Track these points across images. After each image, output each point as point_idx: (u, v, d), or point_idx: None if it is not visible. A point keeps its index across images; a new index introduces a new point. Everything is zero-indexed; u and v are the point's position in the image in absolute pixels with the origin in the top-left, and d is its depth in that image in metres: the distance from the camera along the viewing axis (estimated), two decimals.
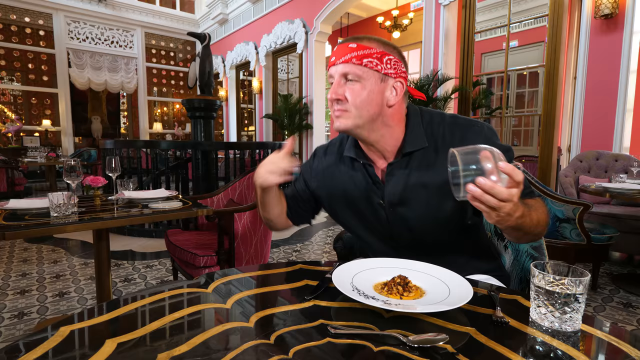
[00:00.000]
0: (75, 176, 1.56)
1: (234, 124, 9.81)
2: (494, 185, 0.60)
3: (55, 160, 5.61)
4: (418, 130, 0.88)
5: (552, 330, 0.58)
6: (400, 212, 0.89)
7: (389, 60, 0.84)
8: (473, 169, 0.61)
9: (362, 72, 0.83)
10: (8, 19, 8.44)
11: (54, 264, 2.87)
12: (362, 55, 0.82)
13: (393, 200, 0.89)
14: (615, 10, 3.57)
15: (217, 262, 1.87)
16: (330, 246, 3.44)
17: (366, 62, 0.82)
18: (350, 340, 0.56)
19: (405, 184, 0.87)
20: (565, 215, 2.23)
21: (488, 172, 0.60)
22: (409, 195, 0.87)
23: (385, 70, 0.84)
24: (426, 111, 0.93)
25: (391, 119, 0.88)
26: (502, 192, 0.61)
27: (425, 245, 0.92)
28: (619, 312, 2.10)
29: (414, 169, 0.87)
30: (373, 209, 0.92)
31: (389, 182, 0.89)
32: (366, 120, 0.85)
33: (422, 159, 0.87)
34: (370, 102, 0.84)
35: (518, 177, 0.61)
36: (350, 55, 0.83)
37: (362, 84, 0.83)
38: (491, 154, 0.61)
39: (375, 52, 0.83)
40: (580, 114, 3.91)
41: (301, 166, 1.07)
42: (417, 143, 0.87)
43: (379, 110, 0.85)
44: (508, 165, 0.60)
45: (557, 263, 0.62)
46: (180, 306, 0.67)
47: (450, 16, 4.74)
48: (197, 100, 4.06)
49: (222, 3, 9.05)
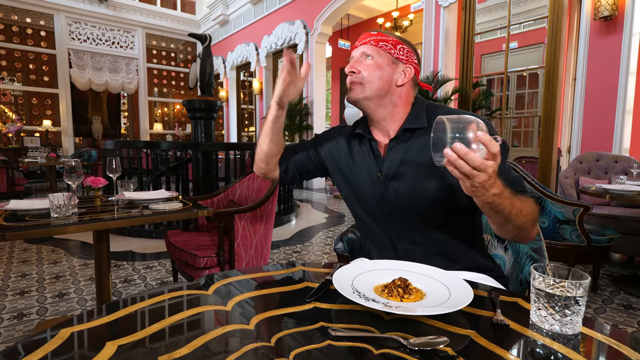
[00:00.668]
0: (75, 177, 1.56)
1: (235, 124, 9.82)
2: (468, 152, 0.62)
3: (55, 160, 5.61)
4: (420, 113, 0.98)
5: (553, 333, 0.58)
6: (394, 187, 0.96)
7: (402, 48, 0.97)
8: (457, 137, 0.63)
9: (377, 52, 0.96)
10: (9, 19, 8.46)
11: (53, 264, 2.87)
12: (379, 39, 0.97)
13: (389, 174, 0.96)
14: (614, 12, 3.58)
15: (217, 263, 1.87)
16: (330, 247, 3.44)
17: (381, 45, 0.96)
18: (350, 342, 0.55)
19: (402, 159, 0.95)
20: (566, 217, 2.23)
21: (469, 140, 0.62)
22: (403, 170, 0.94)
23: (397, 55, 0.96)
24: (432, 103, 1.03)
25: (398, 98, 0.98)
26: (475, 159, 0.62)
27: (416, 223, 0.96)
28: (619, 314, 2.10)
29: (412, 147, 0.95)
30: (371, 182, 0.99)
31: (389, 157, 0.97)
32: (374, 93, 0.96)
33: (421, 139, 0.94)
34: (380, 77, 0.95)
35: (493, 149, 0.62)
36: (370, 38, 0.97)
37: (375, 61, 0.96)
38: (476, 126, 0.62)
39: (391, 40, 0.97)
40: (580, 115, 3.92)
41: (317, 134, 1.18)
42: (417, 122, 0.96)
43: (387, 87, 0.96)
44: (486, 136, 0.61)
45: (557, 265, 0.62)
46: (181, 308, 0.67)
47: (450, 17, 4.74)
48: (198, 100, 4.06)
49: (223, 4, 9.06)
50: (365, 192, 1.01)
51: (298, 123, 7.20)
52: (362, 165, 1.01)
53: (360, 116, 4.60)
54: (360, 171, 1.01)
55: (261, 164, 1.10)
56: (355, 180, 1.03)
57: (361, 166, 1.01)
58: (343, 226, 4.32)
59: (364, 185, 1.01)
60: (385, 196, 0.97)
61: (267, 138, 1.05)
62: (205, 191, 3.72)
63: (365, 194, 1.01)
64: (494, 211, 0.73)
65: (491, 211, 0.74)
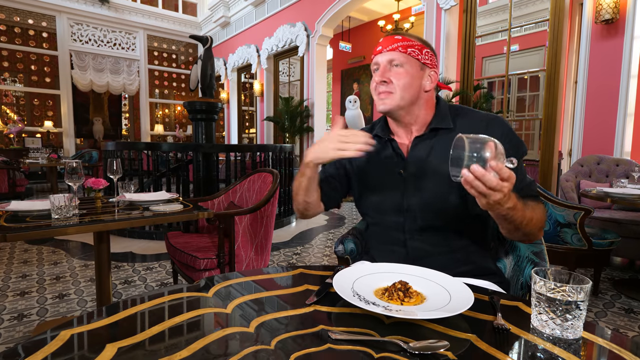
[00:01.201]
0: (76, 178, 1.56)
1: (235, 126, 9.83)
2: (484, 173, 0.66)
3: (56, 161, 5.62)
4: (445, 114, 1.00)
5: (553, 337, 0.58)
6: (415, 184, 0.97)
7: (427, 52, 0.97)
8: (475, 156, 0.66)
9: (406, 59, 0.95)
10: (11, 20, 8.49)
11: (54, 265, 2.87)
12: (407, 45, 0.95)
13: (412, 171, 0.97)
14: (615, 15, 3.58)
15: (217, 265, 1.87)
16: (331, 249, 3.43)
17: (410, 51, 0.95)
18: (350, 346, 0.55)
19: (427, 157, 0.96)
20: (566, 220, 2.23)
21: (485, 160, 0.65)
22: (426, 169, 0.96)
23: (424, 60, 0.96)
24: (453, 104, 1.05)
25: (426, 102, 1.00)
26: (491, 180, 0.66)
27: (432, 221, 0.96)
28: (620, 318, 2.09)
29: (436, 146, 0.96)
30: (390, 180, 1.00)
31: (412, 154, 0.98)
32: (407, 101, 0.96)
33: (445, 139, 0.95)
34: (411, 85, 0.95)
35: (504, 174, 0.67)
36: (397, 44, 0.95)
37: (405, 69, 0.95)
38: (494, 146, 0.66)
39: (417, 44, 0.96)
40: (581, 118, 3.91)
41: None
42: (444, 123, 0.98)
43: (417, 93, 0.97)
44: (498, 164, 0.65)
45: (558, 270, 0.62)
46: (180, 310, 0.67)
47: (451, 20, 4.75)
48: (199, 102, 4.07)
49: (224, 6, 9.09)
50: (383, 189, 1.01)
51: (299, 125, 7.20)
52: (381, 164, 1.02)
53: (360, 118, 4.60)
54: (379, 169, 1.03)
55: (307, 213, 1.09)
56: (371, 178, 1.04)
57: (380, 164, 1.02)
58: (343, 228, 4.32)
59: (381, 183, 1.02)
60: (404, 194, 0.98)
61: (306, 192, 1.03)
62: (206, 193, 3.72)
63: (382, 192, 1.02)
64: (507, 221, 0.79)
65: (504, 221, 0.79)
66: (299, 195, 1.04)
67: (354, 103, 7.24)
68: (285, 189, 4.47)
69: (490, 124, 0.95)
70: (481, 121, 0.97)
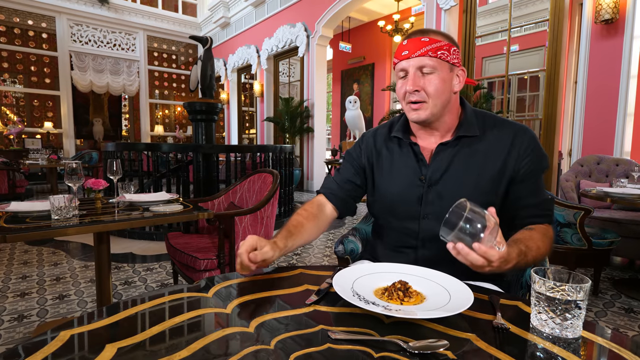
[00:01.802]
0: (76, 179, 1.56)
1: (235, 126, 9.84)
2: (469, 253, 0.66)
3: (56, 162, 5.62)
4: (472, 119, 0.96)
5: (553, 336, 0.58)
6: (435, 191, 0.94)
7: (455, 50, 0.91)
8: (468, 229, 0.65)
9: (437, 63, 0.89)
10: (11, 21, 8.49)
11: (54, 266, 2.87)
12: (436, 47, 0.89)
13: (433, 178, 0.94)
14: (615, 15, 3.58)
15: (218, 266, 1.87)
16: (331, 250, 3.43)
17: (440, 54, 0.89)
18: (350, 346, 0.55)
19: (449, 165, 0.93)
20: (566, 220, 2.23)
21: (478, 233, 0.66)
22: (448, 177, 0.93)
23: (452, 60, 0.91)
24: (477, 109, 1.01)
25: (453, 104, 0.96)
26: (476, 259, 0.67)
27: None
28: (620, 318, 2.09)
29: (460, 153, 0.94)
30: (409, 185, 0.97)
31: (435, 160, 0.95)
32: (440, 108, 0.92)
33: (471, 146, 0.94)
34: (444, 90, 0.91)
35: (490, 258, 0.67)
36: (425, 48, 0.88)
37: (437, 74, 0.89)
38: (490, 229, 0.66)
39: (445, 44, 0.89)
40: (581, 118, 3.92)
41: (345, 153, 1.15)
42: (471, 130, 0.94)
43: (449, 97, 0.93)
44: (481, 248, 0.65)
45: (557, 269, 0.62)
46: (181, 310, 0.67)
47: (451, 20, 4.75)
48: (199, 103, 4.07)
49: (224, 7, 9.09)
50: (400, 194, 0.98)
51: (299, 125, 7.20)
52: (400, 168, 0.99)
53: (360, 119, 4.61)
54: (398, 173, 0.99)
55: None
56: (388, 182, 1.01)
57: (399, 169, 0.99)
58: (344, 229, 4.32)
59: (399, 188, 0.99)
60: (423, 200, 0.95)
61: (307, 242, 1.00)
62: (206, 193, 3.72)
63: (398, 197, 0.99)
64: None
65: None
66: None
67: (354, 103, 7.25)
68: (286, 189, 4.47)
69: (517, 135, 0.93)
70: (509, 133, 0.93)
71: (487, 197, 0.91)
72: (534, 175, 0.92)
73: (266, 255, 0.80)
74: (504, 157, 0.92)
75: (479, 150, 0.93)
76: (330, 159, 7.82)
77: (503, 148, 0.92)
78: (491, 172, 0.92)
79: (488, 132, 0.95)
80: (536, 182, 0.93)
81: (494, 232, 0.67)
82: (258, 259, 0.78)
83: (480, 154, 0.93)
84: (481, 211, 0.66)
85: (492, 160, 0.92)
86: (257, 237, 0.82)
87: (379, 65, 8.81)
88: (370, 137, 1.10)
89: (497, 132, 0.94)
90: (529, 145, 0.91)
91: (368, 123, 8.71)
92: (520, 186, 0.92)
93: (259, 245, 0.81)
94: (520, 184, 0.92)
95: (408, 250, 0.99)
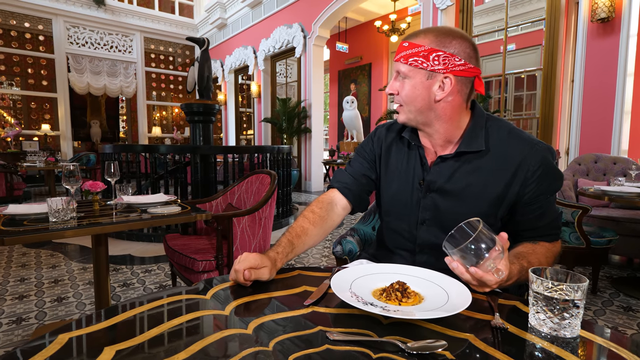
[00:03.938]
0: (74, 181, 1.55)
1: (233, 127, 9.83)
2: (463, 273, 0.69)
3: (54, 164, 5.61)
4: (479, 132, 0.90)
5: (551, 336, 0.58)
6: (433, 199, 0.93)
7: (437, 57, 0.85)
8: (471, 249, 0.67)
9: (409, 70, 0.88)
10: (8, 24, 8.46)
11: (52, 268, 2.86)
12: (409, 54, 0.87)
13: (432, 186, 0.93)
14: (611, 13, 3.60)
15: (216, 267, 1.87)
16: (329, 250, 3.43)
17: (411, 62, 0.87)
18: (348, 347, 0.55)
19: (451, 176, 0.91)
20: (564, 219, 2.23)
21: (481, 255, 0.67)
22: (448, 187, 0.91)
23: (431, 67, 0.85)
24: (494, 117, 0.94)
25: (443, 114, 0.89)
26: (470, 281, 0.70)
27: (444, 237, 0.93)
28: (619, 316, 2.10)
29: (461, 169, 0.90)
30: (410, 188, 0.96)
31: (435, 170, 0.93)
32: (416, 114, 0.90)
33: (472, 161, 0.90)
34: (416, 97, 0.88)
35: (487, 283, 0.68)
36: (401, 54, 0.89)
37: (409, 80, 0.88)
38: (498, 252, 0.67)
39: (425, 49, 0.85)
40: (578, 117, 3.93)
41: (357, 147, 1.13)
42: (473, 145, 0.89)
43: (426, 105, 0.89)
44: (477, 272, 0.67)
45: (555, 269, 0.63)
46: (179, 313, 0.67)
47: (447, 20, 4.76)
48: (196, 104, 4.07)
49: (221, 8, 9.08)
50: (400, 196, 0.98)
51: (296, 126, 7.20)
52: (404, 168, 0.98)
53: (358, 119, 4.62)
54: (402, 174, 0.98)
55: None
56: (391, 179, 1.00)
57: (403, 169, 0.98)
58: (342, 229, 4.32)
59: (399, 188, 0.98)
60: (420, 205, 0.94)
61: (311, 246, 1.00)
62: (204, 194, 3.72)
63: (399, 198, 0.98)
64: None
65: None
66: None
67: (352, 104, 7.26)
68: (284, 190, 4.46)
69: (528, 156, 0.86)
70: (519, 153, 0.86)
71: (486, 220, 0.84)
72: (541, 199, 0.88)
73: (261, 277, 0.79)
74: (507, 181, 0.87)
75: (481, 168, 0.89)
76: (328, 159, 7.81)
77: (508, 169, 0.87)
78: (491, 196, 0.88)
79: (496, 147, 0.89)
80: (544, 204, 0.88)
81: (498, 259, 0.67)
82: (252, 278, 0.77)
83: (481, 172, 0.89)
84: (491, 236, 0.67)
85: (492, 183, 0.88)
86: (260, 257, 0.79)
87: (376, 66, 8.82)
88: (384, 130, 1.08)
89: (507, 148, 0.88)
90: (538, 168, 0.85)
91: (365, 123, 8.72)
92: (525, 209, 0.89)
93: (260, 264, 0.79)
94: (526, 206, 0.88)
95: (405, 253, 0.99)
